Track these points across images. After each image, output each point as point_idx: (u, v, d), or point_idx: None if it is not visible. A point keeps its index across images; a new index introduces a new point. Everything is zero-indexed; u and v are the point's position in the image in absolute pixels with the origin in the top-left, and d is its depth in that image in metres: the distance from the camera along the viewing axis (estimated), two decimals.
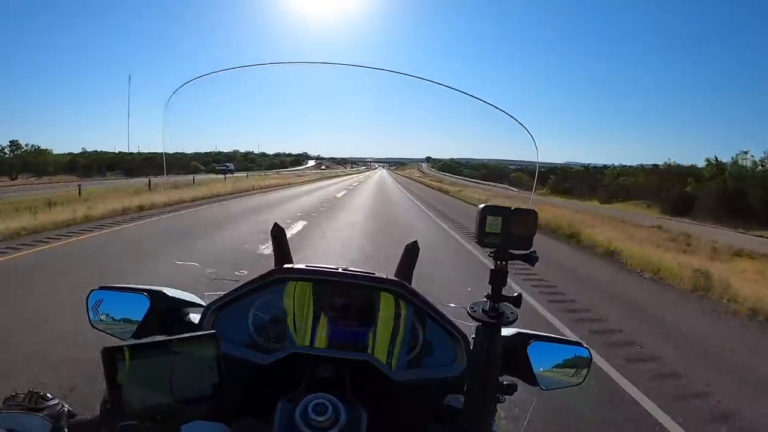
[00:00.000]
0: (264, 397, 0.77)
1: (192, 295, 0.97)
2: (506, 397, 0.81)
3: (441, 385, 0.86)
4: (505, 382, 0.80)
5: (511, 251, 0.71)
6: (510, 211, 0.71)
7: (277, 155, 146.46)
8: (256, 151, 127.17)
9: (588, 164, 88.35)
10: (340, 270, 0.90)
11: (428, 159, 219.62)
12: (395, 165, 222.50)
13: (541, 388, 0.88)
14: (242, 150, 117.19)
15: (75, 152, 64.03)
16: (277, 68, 0.96)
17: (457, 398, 0.82)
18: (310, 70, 0.93)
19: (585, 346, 0.91)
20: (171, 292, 0.92)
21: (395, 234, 9.13)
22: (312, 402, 0.70)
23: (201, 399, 0.55)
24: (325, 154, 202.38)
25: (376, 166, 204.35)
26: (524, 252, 0.71)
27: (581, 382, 0.91)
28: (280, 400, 0.72)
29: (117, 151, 64.93)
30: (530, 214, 0.71)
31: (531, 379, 0.87)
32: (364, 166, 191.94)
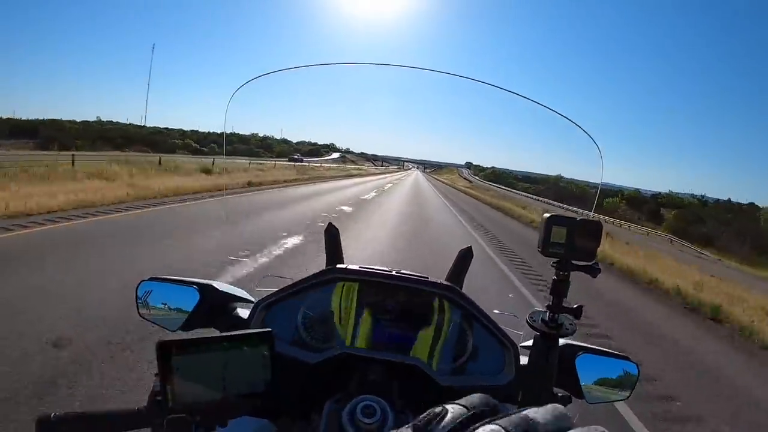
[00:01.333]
0: (310, 397, 0.78)
1: (241, 291, 0.96)
2: None
3: (487, 393, 0.83)
4: (559, 394, 0.79)
5: (574, 262, 0.71)
6: (575, 222, 0.70)
7: (300, 143, 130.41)
8: (277, 137, 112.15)
9: (701, 195, 64.98)
10: (393, 272, 0.89)
11: (469, 165, 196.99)
12: (431, 168, 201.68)
13: (587, 402, 0.85)
14: (261, 134, 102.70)
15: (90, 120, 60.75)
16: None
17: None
18: (352, 67, 0.95)
19: (633, 361, 0.87)
20: (221, 286, 0.91)
21: None
22: (360, 404, 0.68)
23: (252, 395, 0.56)
24: (355, 149, 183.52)
25: (411, 166, 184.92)
26: (587, 263, 0.71)
27: (627, 397, 0.87)
28: (327, 400, 0.72)
29: (128, 123, 63.23)
30: (595, 225, 0.70)
31: (577, 391, 0.85)
32: (396, 165, 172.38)
